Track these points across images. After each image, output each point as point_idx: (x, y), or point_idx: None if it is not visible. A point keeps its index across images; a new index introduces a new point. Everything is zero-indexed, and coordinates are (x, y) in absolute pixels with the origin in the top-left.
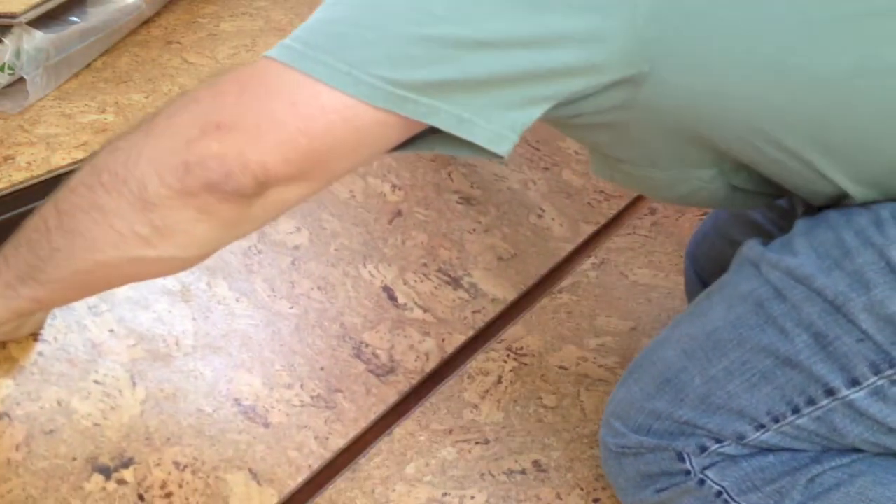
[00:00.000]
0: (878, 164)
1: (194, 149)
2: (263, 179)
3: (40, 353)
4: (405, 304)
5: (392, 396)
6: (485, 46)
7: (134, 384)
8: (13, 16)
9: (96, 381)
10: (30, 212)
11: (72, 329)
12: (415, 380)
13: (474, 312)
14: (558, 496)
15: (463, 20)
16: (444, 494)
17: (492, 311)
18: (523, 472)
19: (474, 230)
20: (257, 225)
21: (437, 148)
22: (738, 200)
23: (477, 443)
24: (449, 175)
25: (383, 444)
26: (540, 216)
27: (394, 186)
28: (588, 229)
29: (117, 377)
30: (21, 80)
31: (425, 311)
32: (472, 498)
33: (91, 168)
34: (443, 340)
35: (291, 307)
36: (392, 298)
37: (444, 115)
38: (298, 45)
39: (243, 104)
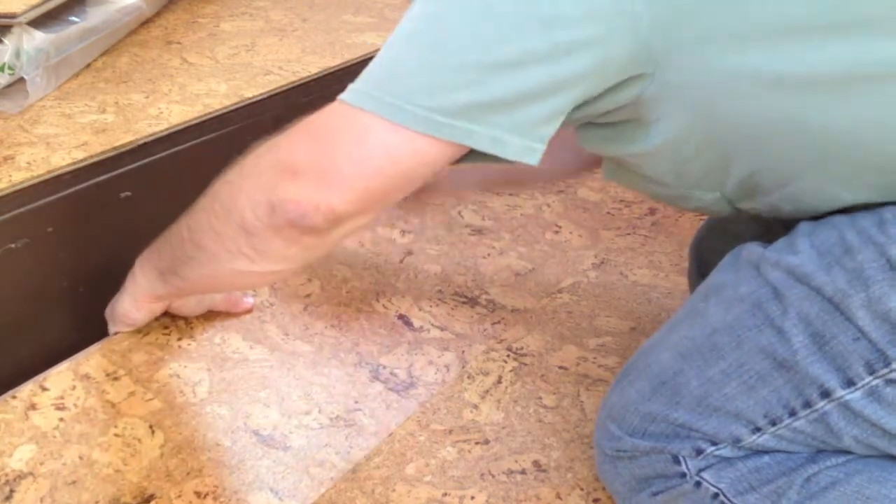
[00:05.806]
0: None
1: (275, 192)
2: (333, 219)
3: (62, 420)
4: (421, 327)
5: (413, 407)
6: (505, 68)
7: (153, 432)
8: (13, 16)
9: (116, 434)
10: (30, 212)
11: (91, 394)
12: (436, 389)
13: (494, 324)
14: (558, 496)
15: (485, 47)
16: (444, 494)
17: (512, 321)
18: (523, 472)
19: (488, 255)
20: (339, 242)
21: (473, 160)
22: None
23: (477, 443)
24: (459, 213)
25: (383, 444)
26: (557, 232)
27: (403, 231)
28: (609, 235)
29: (136, 427)
30: (21, 80)
31: (443, 329)
32: (472, 498)
33: (210, 195)
34: (463, 352)
35: (306, 346)
36: (408, 324)
37: (477, 137)
38: (360, 85)
39: (311, 152)
